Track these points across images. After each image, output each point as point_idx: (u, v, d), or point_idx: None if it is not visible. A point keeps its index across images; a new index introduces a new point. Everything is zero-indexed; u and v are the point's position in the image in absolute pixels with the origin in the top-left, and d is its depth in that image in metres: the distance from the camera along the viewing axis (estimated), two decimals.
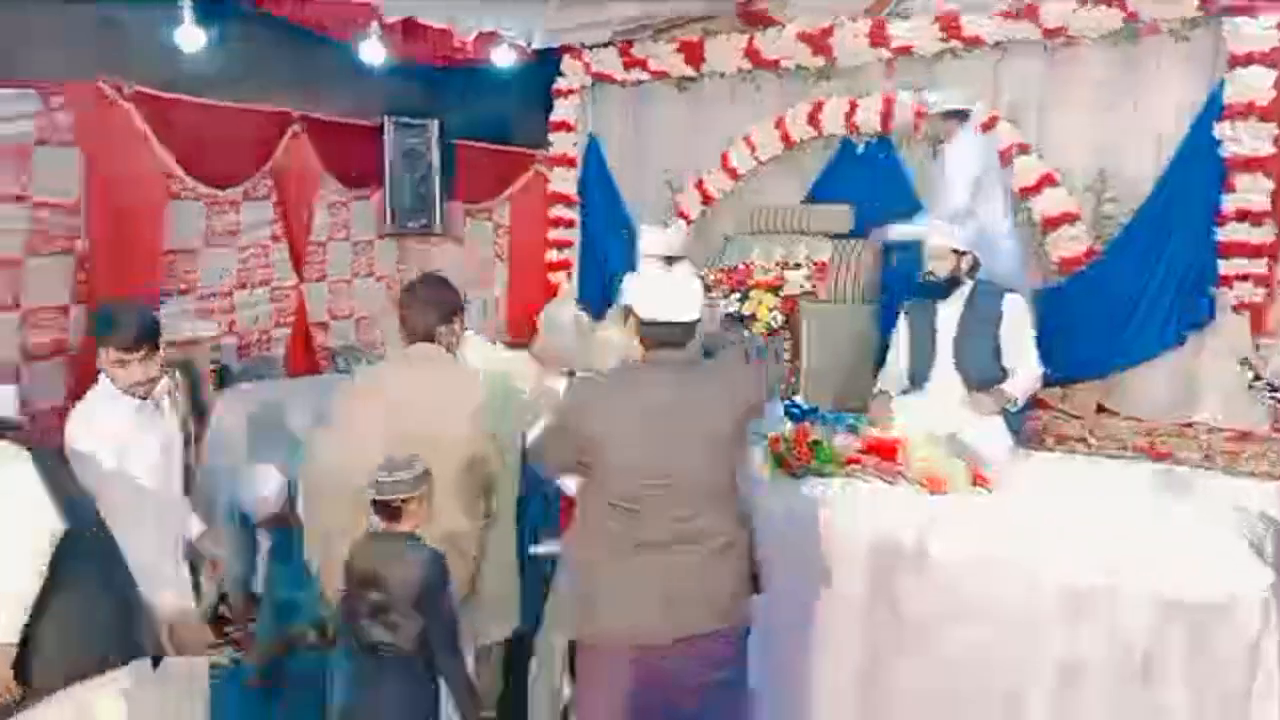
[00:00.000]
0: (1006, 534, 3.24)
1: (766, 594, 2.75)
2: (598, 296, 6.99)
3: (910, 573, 3.33)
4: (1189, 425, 4.99)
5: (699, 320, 2.60)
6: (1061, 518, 3.29)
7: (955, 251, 4.20)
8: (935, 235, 4.27)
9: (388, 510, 2.75)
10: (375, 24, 5.41)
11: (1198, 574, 2.90)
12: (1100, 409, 5.32)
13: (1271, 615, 2.81)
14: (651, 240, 4.47)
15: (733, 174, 6.41)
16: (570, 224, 7.23)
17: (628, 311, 2.73)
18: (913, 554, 3.34)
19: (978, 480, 3.55)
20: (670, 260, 4.40)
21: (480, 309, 8.07)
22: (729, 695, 2.66)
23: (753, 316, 4.79)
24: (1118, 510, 3.32)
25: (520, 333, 7.71)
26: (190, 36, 4.93)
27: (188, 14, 4.81)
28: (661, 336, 2.54)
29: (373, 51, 5.52)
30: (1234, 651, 2.82)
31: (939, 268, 4.22)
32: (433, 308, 3.14)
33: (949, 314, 4.28)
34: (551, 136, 7.18)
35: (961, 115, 5.14)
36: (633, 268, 6.02)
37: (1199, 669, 2.86)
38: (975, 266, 4.33)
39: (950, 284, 4.22)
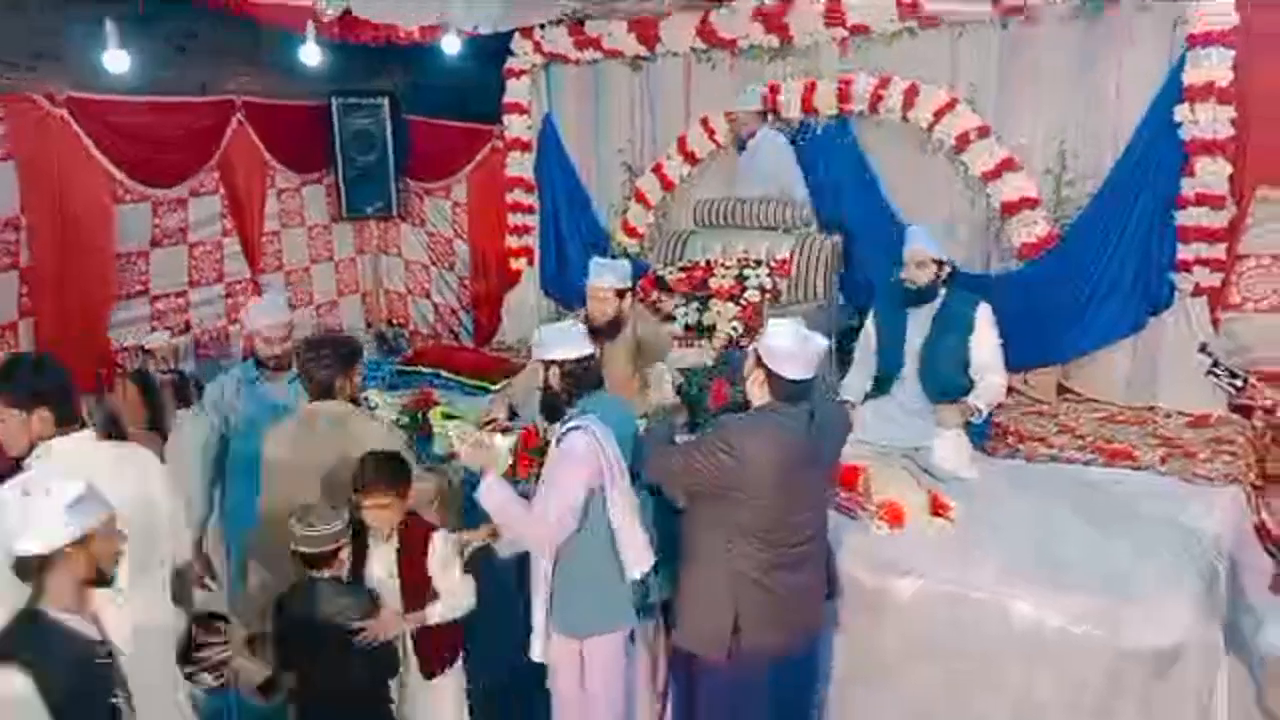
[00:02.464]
0: (967, 572, 3.28)
1: None
2: (558, 281, 6.93)
3: (871, 610, 3.37)
4: (1150, 409, 5.02)
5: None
6: (1021, 554, 3.32)
7: (936, 261, 4.16)
8: (918, 242, 4.20)
9: (317, 560, 2.98)
10: (311, 24, 5.17)
11: (1151, 620, 2.95)
12: (1062, 389, 5.35)
13: (1221, 659, 2.87)
14: (600, 272, 4.36)
15: (692, 158, 6.28)
16: (529, 209, 7.09)
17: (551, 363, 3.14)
18: (873, 589, 3.38)
19: (938, 510, 3.57)
20: (621, 294, 4.32)
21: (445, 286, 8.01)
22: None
23: (713, 328, 4.74)
24: (1076, 543, 3.36)
25: (484, 311, 7.65)
26: (116, 60, 4.72)
27: (112, 39, 4.57)
28: (794, 391, 2.89)
29: (310, 54, 5.31)
30: (1185, 695, 2.89)
31: (919, 276, 4.19)
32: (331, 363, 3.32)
33: (919, 321, 4.26)
34: (505, 119, 6.99)
35: (762, 115, 5.75)
36: (598, 249, 6.00)
37: (1151, 712, 2.92)
38: (953, 274, 4.31)
39: (928, 292, 4.19)
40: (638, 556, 3.06)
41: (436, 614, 3.09)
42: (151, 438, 5.45)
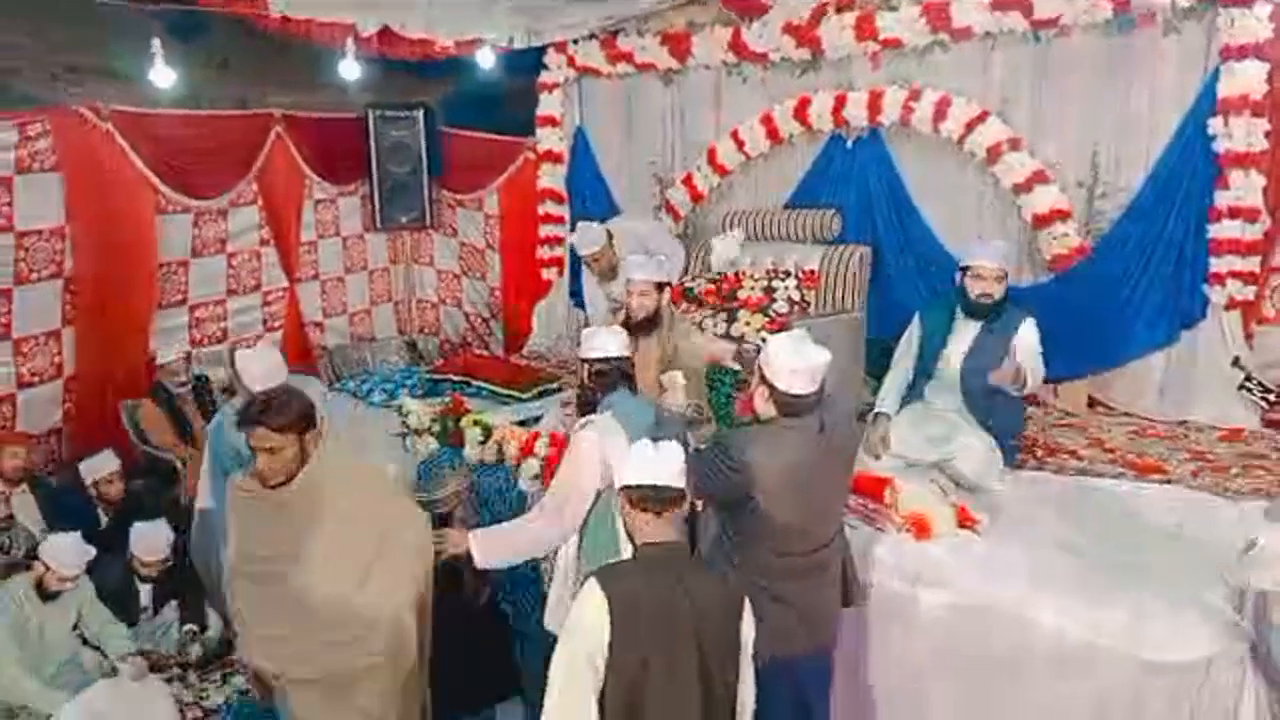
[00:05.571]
0: (994, 584, 3.28)
1: None
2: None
3: (898, 621, 3.38)
4: (1182, 423, 4.98)
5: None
6: (1048, 566, 3.32)
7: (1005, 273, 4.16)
8: (989, 259, 4.13)
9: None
10: (350, 40, 5.28)
11: (1177, 634, 2.94)
12: (1092, 402, 5.33)
13: (1247, 675, 2.85)
14: (639, 267, 4.41)
15: (722, 170, 6.33)
16: (560, 220, 7.16)
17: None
18: (900, 601, 3.39)
19: (965, 522, 3.57)
20: (660, 287, 4.38)
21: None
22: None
23: (741, 339, 4.78)
24: (1103, 557, 3.35)
25: (515, 320, 7.72)
26: (163, 76, 4.84)
27: (159, 56, 4.69)
28: (798, 404, 2.91)
29: (349, 69, 5.42)
30: (1211, 710, 2.87)
31: (997, 289, 4.12)
32: None
33: (964, 330, 4.24)
34: (538, 132, 7.08)
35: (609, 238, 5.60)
36: None
37: None
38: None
39: (998, 305, 4.14)
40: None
41: None
42: (187, 450, 5.60)
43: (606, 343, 3.42)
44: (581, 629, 2.39)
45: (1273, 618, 2.81)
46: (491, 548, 3.23)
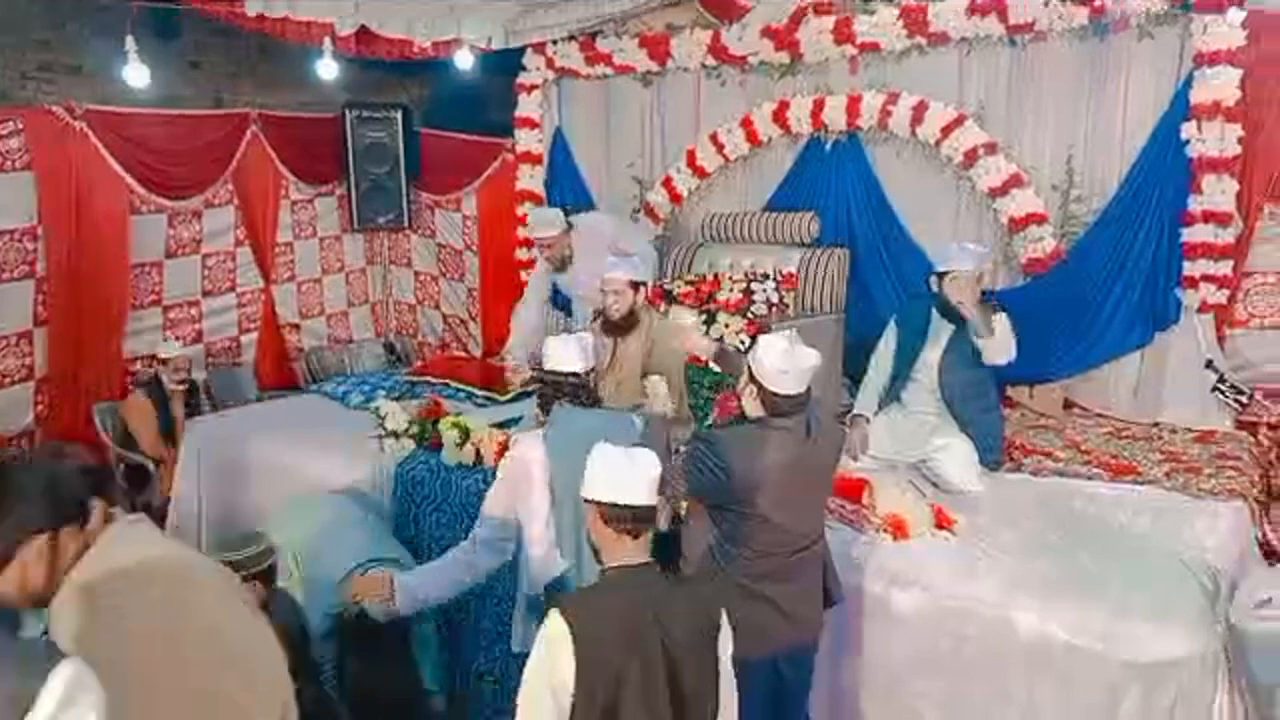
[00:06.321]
0: (971, 585, 3.30)
1: None
2: (566, 294, 6.96)
3: (876, 621, 3.39)
4: (1155, 425, 5.04)
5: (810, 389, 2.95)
6: (1025, 567, 3.34)
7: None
8: (969, 262, 4.12)
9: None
10: (328, 39, 5.25)
11: (1153, 633, 2.96)
12: (1068, 404, 5.37)
13: (1222, 673, 2.88)
14: (614, 265, 4.40)
15: (701, 172, 6.34)
16: None
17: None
18: (878, 601, 3.41)
19: (942, 523, 3.59)
20: (635, 286, 4.38)
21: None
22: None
23: (720, 341, 4.77)
24: (1080, 558, 3.38)
25: (493, 322, 7.69)
26: (137, 74, 4.79)
27: (133, 54, 4.65)
28: (786, 405, 2.90)
29: (327, 69, 5.39)
30: (1187, 709, 2.90)
31: (969, 296, 4.08)
32: None
33: (940, 333, 4.26)
34: (516, 133, 7.06)
35: (567, 230, 5.42)
36: None
37: None
38: None
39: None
40: (531, 580, 3.06)
41: None
42: (166, 449, 5.56)
43: (557, 353, 3.20)
44: (546, 663, 2.24)
45: None
46: (420, 589, 3.09)
